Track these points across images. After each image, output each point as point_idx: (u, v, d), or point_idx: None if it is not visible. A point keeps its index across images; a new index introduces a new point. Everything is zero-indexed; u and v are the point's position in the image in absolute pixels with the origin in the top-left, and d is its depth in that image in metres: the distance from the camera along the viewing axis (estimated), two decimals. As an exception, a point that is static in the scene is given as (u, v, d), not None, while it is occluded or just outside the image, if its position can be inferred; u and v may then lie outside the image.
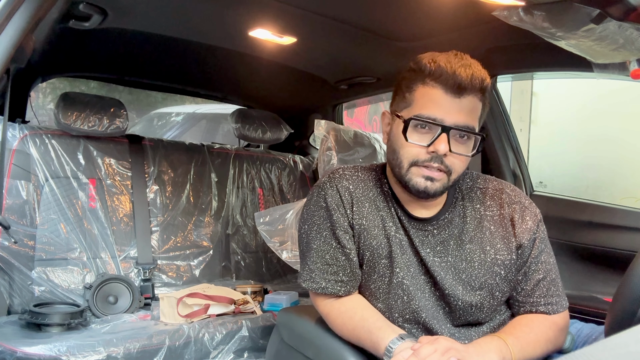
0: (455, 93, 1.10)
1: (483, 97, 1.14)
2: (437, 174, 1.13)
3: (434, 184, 1.13)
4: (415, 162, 1.13)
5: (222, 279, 2.38)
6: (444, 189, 1.16)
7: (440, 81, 1.10)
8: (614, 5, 1.15)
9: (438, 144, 1.10)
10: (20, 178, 2.00)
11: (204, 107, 5.06)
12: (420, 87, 1.13)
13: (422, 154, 1.13)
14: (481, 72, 1.11)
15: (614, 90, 3.38)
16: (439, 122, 1.10)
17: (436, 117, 1.11)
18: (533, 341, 1.15)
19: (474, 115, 1.13)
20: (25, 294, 1.90)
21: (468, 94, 1.10)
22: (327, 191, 1.24)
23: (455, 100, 1.10)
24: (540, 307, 1.21)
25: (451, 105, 1.10)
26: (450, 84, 1.09)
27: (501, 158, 2.09)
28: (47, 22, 1.71)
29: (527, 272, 1.22)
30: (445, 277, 1.19)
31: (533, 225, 1.22)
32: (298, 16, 1.79)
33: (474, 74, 1.09)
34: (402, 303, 1.20)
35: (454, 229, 1.22)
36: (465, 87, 1.09)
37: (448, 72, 1.09)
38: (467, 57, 1.13)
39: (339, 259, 1.22)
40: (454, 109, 1.10)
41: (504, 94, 2.13)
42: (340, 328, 1.23)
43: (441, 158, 1.11)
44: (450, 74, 1.09)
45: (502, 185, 1.27)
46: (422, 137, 1.12)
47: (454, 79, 1.09)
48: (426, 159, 1.12)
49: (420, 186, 1.13)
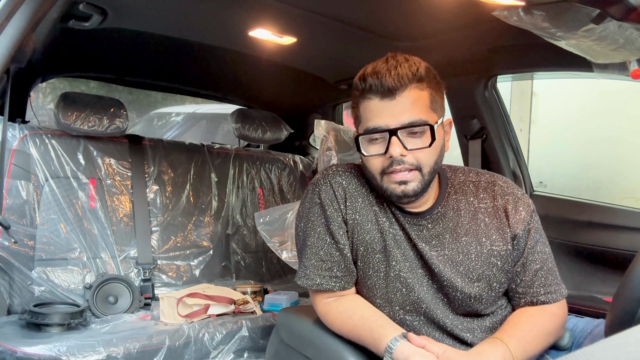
0: (389, 96, 1.13)
1: (423, 84, 1.14)
2: (408, 175, 1.15)
3: (408, 185, 1.15)
4: (382, 170, 1.16)
5: (222, 279, 2.38)
6: (422, 186, 1.17)
7: (373, 92, 1.14)
8: (614, 5, 1.15)
9: (391, 149, 1.13)
10: (20, 178, 2.00)
11: (204, 107, 5.06)
12: (361, 103, 1.18)
13: (384, 161, 1.16)
14: (410, 67, 1.13)
15: (614, 89, 3.38)
16: (385, 128, 1.14)
17: (380, 125, 1.14)
18: (534, 338, 1.17)
19: (418, 107, 1.14)
20: (25, 294, 1.90)
21: (401, 91, 1.12)
22: (321, 187, 1.26)
23: (391, 103, 1.13)
24: (541, 296, 1.22)
25: (389, 108, 1.13)
26: (381, 91, 1.13)
27: (501, 158, 2.09)
28: (47, 22, 1.71)
29: (524, 262, 1.23)
30: (444, 270, 1.20)
31: (527, 215, 1.24)
32: (298, 16, 1.79)
33: (400, 72, 1.12)
34: (401, 295, 1.21)
35: (449, 222, 1.23)
36: (394, 87, 1.12)
37: (375, 81, 1.13)
38: (397, 58, 1.15)
39: (333, 254, 1.23)
40: (395, 111, 1.13)
41: (504, 94, 2.13)
42: (340, 327, 1.23)
43: (402, 159, 1.14)
44: (378, 82, 1.12)
45: (494, 178, 1.29)
46: (377, 147, 1.16)
47: (382, 85, 1.12)
48: (389, 165, 1.15)
49: (397, 192, 1.16)
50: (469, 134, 2.11)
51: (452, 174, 1.30)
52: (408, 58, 1.16)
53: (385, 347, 1.10)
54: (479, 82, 2.01)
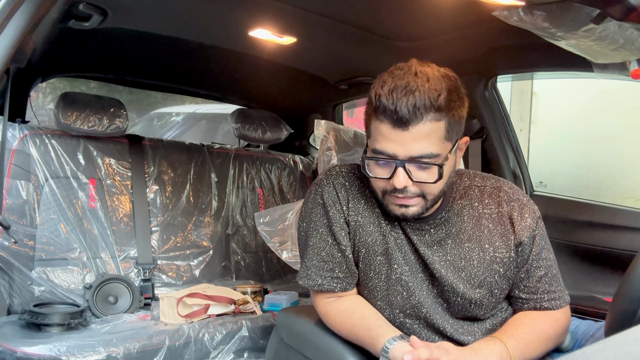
0: (402, 126, 1.04)
1: (441, 114, 1.05)
2: (410, 200, 1.12)
3: (408, 209, 1.14)
4: (385, 192, 1.14)
5: (222, 279, 2.38)
6: (423, 210, 1.15)
7: (385, 116, 1.06)
8: (614, 5, 1.15)
9: (395, 179, 1.08)
10: (20, 178, 1.99)
11: (204, 107, 5.06)
12: (373, 121, 1.10)
13: (388, 185, 1.12)
14: (430, 96, 1.03)
15: (614, 89, 3.38)
16: (392, 156, 1.08)
17: (389, 152, 1.08)
18: (534, 342, 1.16)
19: (431, 140, 1.06)
20: (25, 294, 1.90)
21: (415, 123, 1.04)
22: (324, 188, 1.26)
23: (404, 133, 1.05)
24: (544, 302, 1.22)
25: (400, 138, 1.06)
26: (394, 119, 1.04)
27: (501, 158, 2.09)
28: (47, 22, 1.71)
29: (529, 269, 1.22)
30: (446, 275, 1.19)
31: (532, 222, 1.22)
32: (298, 16, 1.79)
33: (417, 103, 1.02)
34: (402, 299, 1.21)
35: (451, 228, 1.22)
36: (408, 120, 1.03)
37: (390, 108, 1.04)
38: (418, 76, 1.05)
39: (335, 255, 1.23)
40: (405, 141, 1.06)
41: (504, 94, 2.12)
42: (339, 326, 1.23)
43: (406, 189, 1.10)
44: (392, 110, 1.04)
45: (500, 183, 1.27)
46: (383, 170, 1.12)
47: (396, 115, 1.03)
48: (392, 190, 1.11)
49: (397, 213, 1.15)
50: (469, 134, 2.11)
51: (458, 178, 1.27)
52: (430, 79, 1.05)
53: (382, 347, 1.10)
54: (479, 82, 2.01)
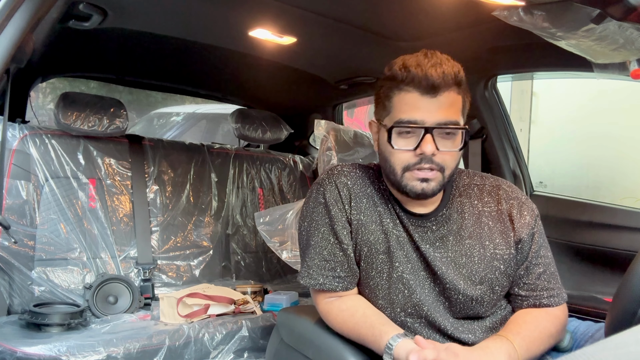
0: (431, 93, 1.11)
1: (460, 89, 1.14)
2: (431, 173, 1.14)
3: (429, 184, 1.15)
4: (407, 167, 1.15)
5: (222, 279, 2.38)
6: (440, 187, 1.17)
7: (414, 85, 1.11)
8: (614, 5, 1.15)
9: (424, 145, 1.11)
10: (20, 178, 2.00)
11: (204, 107, 5.06)
12: (396, 94, 1.14)
13: (411, 157, 1.14)
14: (453, 68, 1.12)
15: (614, 89, 3.38)
16: (420, 124, 1.11)
17: (417, 120, 1.12)
18: (538, 338, 1.17)
19: (454, 110, 1.14)
20: (25, 294, 1.90)
21: (443, 90, 1.11)
22: (325, 187, 1.26)
23: (432, 100, 1.11)
24: (544, 299, 1.23)
25: (429, 105, 1.11)
26: (423, 86, 1.10)
27: (501, 158, 2.09)
28: (47, 22, 1.71)
29: (528, 266, 1.24)
30: (447, 272, 1.20)
31: (531, 220, 1.24)
32: (298, 16, 1.79)
33: (445, 71, 1.10)
34: (403, 297, 1.21)
35: (453, 225, 1.23)
36: (438, 85, 1.10)
37: (420, 75, 1.10)
38: (437, 55, 1.14)
39: (336, 254, 1.23)
40: (433, 108, 1.11)
41: (504, 94, 2.13)
42: (341, 326, 1.23)
43: (431, 158, 1.12)
44: (422, 76, 1.10)
45: (498, 182, 1.30)
46: (407, 141, 1.14)
47: (426, 81, 1.09)
48: (416, 162, 1.13)
49: (417, 189, 1.15)
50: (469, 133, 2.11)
51: (457, 176, 1.29)
52: (449, 58, 1.14)
53: (385, 344, 1.10)
54: (479, 82, 2.01)
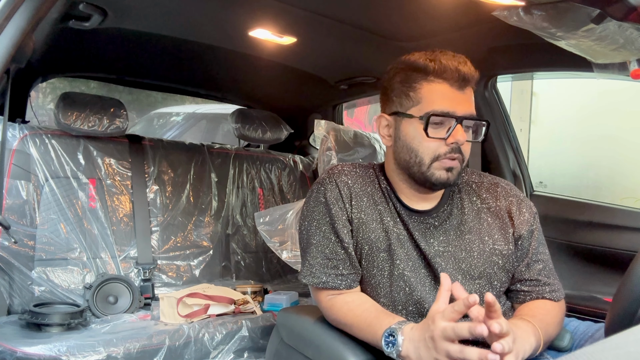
0: (459, 86, 1.17)
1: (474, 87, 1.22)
2: (455, 162, 1.19)
3: (452, 173, 1.19)
4: (437, 156, 1.18)
5: (222, 279, 2.38)
6: (458, 177, 1.22)
7: (445, 77, 1.16)
8: (614, 5, 1.16)
9: (457, 134, 1.16)
10: (20, 178, 1.99)
11: (204, 107, 5.06)
12: (425, 85, 1.18)
13: (442, 147, 1.17)
14: (471, 68, 1.19)
15: (614, 89, 3.38)
16: (452, 114, 1.16)
17: (449, 111, 1.16)
18: (550, 324, 1.19)
19: (473, 105, 1.21)
20: (25, 294, 1.90)
21: (469, 85, 1.19)
22: (326, 187, 1.27)
23: (459, 93, 1.17)
24: (546, 294, 1.25)
25: (458, 97, 1.17)
26: (455, 78, 1.16)
27: (501, 158, 2.09)
28: (47, 22, 1.71)
29: (529, 263, 1.26)
30: (446, 267, 1.21)
31: (530, 217, 1.27)
32: (298, 16, 1.79)
33: (470, 68, 1.18)
34: (404, 295, 1.21)
35: (454, 220, 1.26)
36: (468, 79, 1.17)
37: (451, 69, 1.15)
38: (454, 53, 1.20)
39: (338, 252, 1.24)
40: (461, 101, 1.17)
41: (504, 94, 2.12)
42: (345, 315, 1.22)
43: (459, 148, 1.18)
44: (454, 70, 1.15)
45: (496, 180, 1.34)
46: (437, 131, 1.18)
47: (458, 74, 1.15)
48: (447, 151, 1.17)
49: (443, 179, 1.19)
50: (469, 133, 2.11)
51: None
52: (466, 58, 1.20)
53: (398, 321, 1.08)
54: (479, 82, 2.01)
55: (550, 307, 1.24)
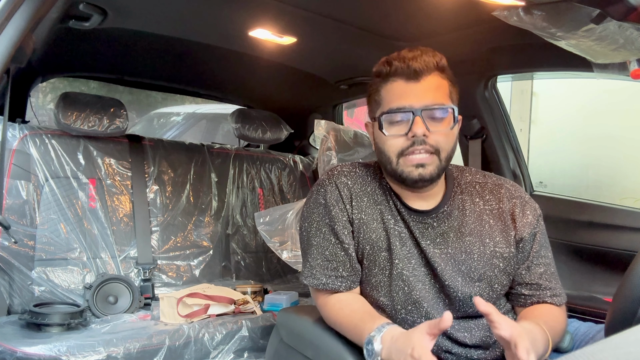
0: (414, 78, 1.16)
1: (444, 75, 1.19)
2: (426, 157, 1.16)
3: (425, 169, 1.16)
4: (401, 152, 1.17)
5: (222, 279, 2.38)
6: (439, 172, 1.18)
7: (398, 74, 1.17)
8: (614, 5, 1.16)
9: (415, 127, 1.14)
10: (20, 178, 2.00)
11: (204, 107, 5.06)
12: (383, 87, 1.20)
13: (404, 142, 1.17)
14: (434, 56, 1.18)
15: (614, 89, 3.38)
16: (409, 108, 1.16)
17: (404, 106, 1.16)
18: (554, 328, 1.17)
19: (441, 93, 1.18)
20: (25, 294, 1.90)
21: (426, 75, 1.16)
22: (326, 188, 1.27)
23: (417, 85, 1.16)
24: (547, 298, 1.24)
25: (414, 90, 1.16)
26: (407, 73, 1.16)
27: (501, 158, 2.09)
28: (47, 22, 1.70)
29: (530, 266, 1.24)
30: (445, 269, 1.20)
31: (533, 219, 1.25)
32: (298, 16, 1.79)
33: (425, 58, 1.17)
34: (403, 294, 1.21)
35: (454, 222, 1.24)
36: (420, 70, 1.16)
37: (402, 65, 1.16)
38: (419, 48, 1.20)
39: (338, 254, 1.24)
40: (419, 92, 1.16)
41: (504, 94, 2.13)
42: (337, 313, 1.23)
43: (423, 140, 1.15)
44: (405, 65, 1.16)
45: (501, 181, 1.31)
46: (399, 128, 1.17)
47: (408, 67, 1.16)
48: (409, 145, 1.16)
49: (414, 175, 1.17)
50: (469, 134, 2.11)
51: (459, 173, 1.31)
52: (431, 49, 1.20)
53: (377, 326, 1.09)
54: (479, 82, 2.01)
55: (557, 313, 1.22)
